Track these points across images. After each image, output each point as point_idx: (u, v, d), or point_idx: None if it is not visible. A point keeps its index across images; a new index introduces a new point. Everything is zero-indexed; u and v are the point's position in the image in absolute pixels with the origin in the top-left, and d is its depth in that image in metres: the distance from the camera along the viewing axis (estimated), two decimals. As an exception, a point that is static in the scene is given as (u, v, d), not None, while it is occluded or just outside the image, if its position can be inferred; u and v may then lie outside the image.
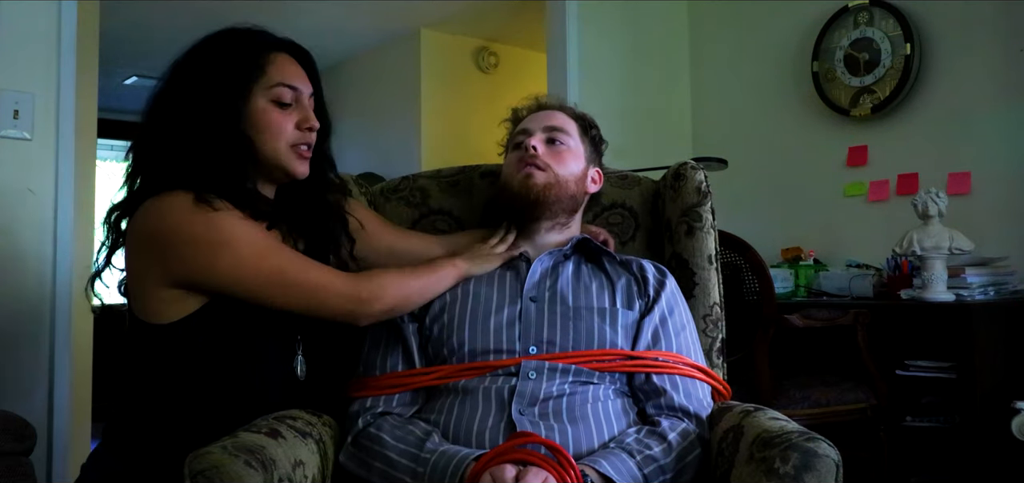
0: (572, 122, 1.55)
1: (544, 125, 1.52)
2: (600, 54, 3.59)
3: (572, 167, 1.50)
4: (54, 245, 2.26)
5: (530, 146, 1.48)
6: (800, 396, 2.42)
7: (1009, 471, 2.44)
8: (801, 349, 2.81)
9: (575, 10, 3.48)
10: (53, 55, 2.28)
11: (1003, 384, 2.54)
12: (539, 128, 1.52)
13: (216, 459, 1.06)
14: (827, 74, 3.38)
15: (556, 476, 1.12)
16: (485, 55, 5.08)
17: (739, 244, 2.51)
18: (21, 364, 2.22)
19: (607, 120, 3.62)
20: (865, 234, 3.25)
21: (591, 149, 1.56)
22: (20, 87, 2.23)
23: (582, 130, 1.56)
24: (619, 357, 1.34)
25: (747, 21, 3.74)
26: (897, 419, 2.63)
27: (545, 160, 1.48)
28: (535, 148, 1.48)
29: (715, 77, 3.88)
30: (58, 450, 2.24)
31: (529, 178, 1.47)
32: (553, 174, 1.47)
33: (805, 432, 1.12)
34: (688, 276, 1.55)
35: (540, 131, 1.51)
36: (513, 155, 1.53)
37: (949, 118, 3.08)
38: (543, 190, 1.46)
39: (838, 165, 3.38)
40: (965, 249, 2.61)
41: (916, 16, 3.16)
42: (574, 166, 1.51)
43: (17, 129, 2.21)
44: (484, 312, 1.38)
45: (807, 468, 1.07)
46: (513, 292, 1.41)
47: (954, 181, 3.02)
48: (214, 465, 1.05)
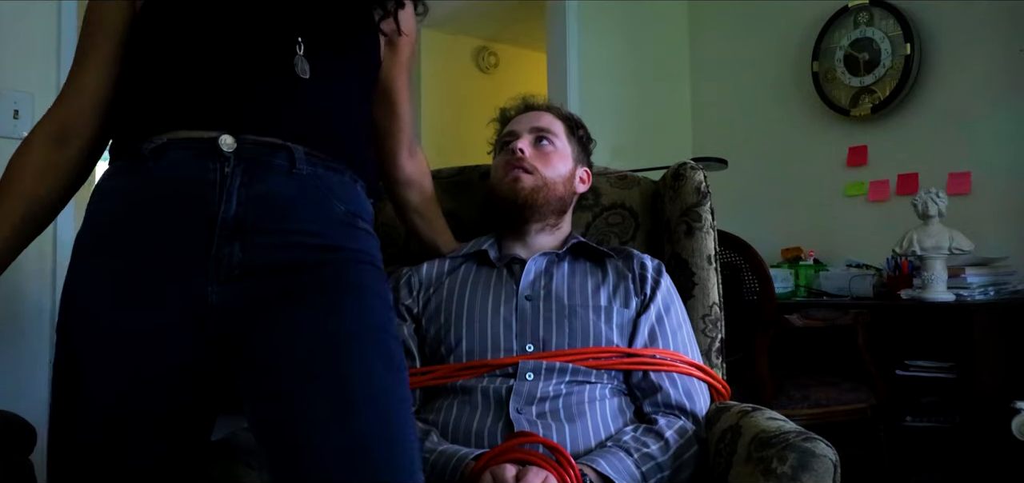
0: (559, 123, 1.55)
1: (531, 126, 1.52)
2: (600, 54, 3.59)
3: (560, 168, 1.50)
4: (54, 245, 2.27)
5: (517, 149, 1.48)
6: (800, 396, 2.42)
7: (1009, 471, 2.44)
8: (801, 349, 2.81)
9: (575, 10, 3.48)
10: (53, 55, 2.28)
11: (1003, 384, 2.54)
12: (526, 129, 1.52)
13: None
14: (827, 74, 3.38)
15: (556, 475, 1.13)
16: (485, 55, 5.08)
17: (739, 244, 2.51)
18: (21, 364, 2.22)
19: (607, 120, 3.64)
20: (865, 234, 3.25)
21: (579, 149, 1.57)
22: (20, 87, 2.23)
23: (569, 130, 1.56)
24: (616, 355, 1.34)
25: (747, 21, 3.74)
26: (897, 419, 2.63)
27: (532, 162, 1.48)
28: (522, 151, 1.48)
29: (715, 77, 3.88)
30: (58, 450, 2.24)
31: (516, 182, 1.47)
32: (540, 177, 1.48)
33: (802, 432, 1.13)
34: (687, 276, 1.55)
35: (527, 133, 1.51)
36: (501, 157, 1.53)
37: (949, 118, 3.08)
38: (531, 194, 1.47)
39: (838, 165, 3.38)
40: (965, 249, 2.61)
41: (916, 16, 3.16)
42: (561, 167, 1.51)
43: (17, 129, 2.21)
44: (480, 312, 1.38)
45: (804, 468, 1.07)
46: (508, 292, 1.41)
47: (954, 181, 3.02)
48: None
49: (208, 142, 1.00)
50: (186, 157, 1.01)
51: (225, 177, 0.99)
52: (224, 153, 1.00)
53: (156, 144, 1.02)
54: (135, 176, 1.03)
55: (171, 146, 1.01)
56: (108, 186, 1.06)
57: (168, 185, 1.01)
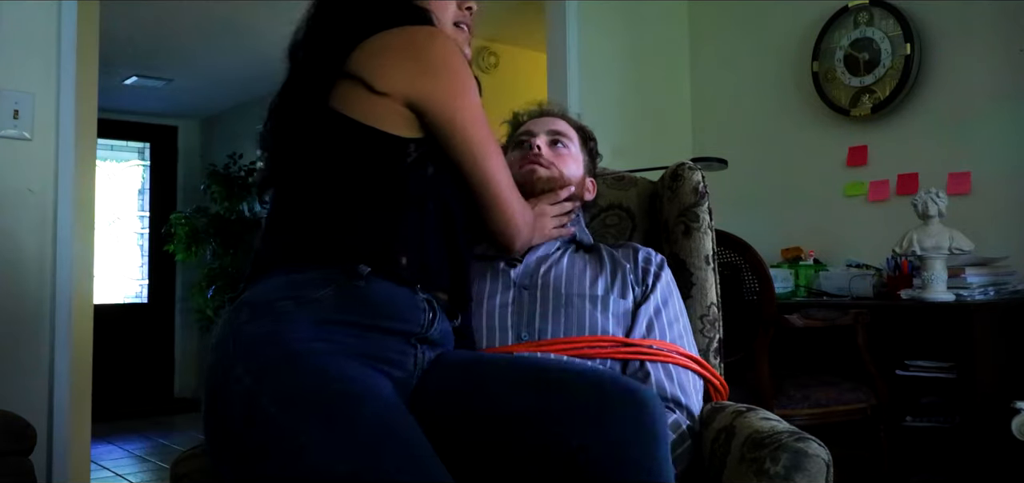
0: (573, 130, 1.59)
1: (548, 129, 1.56)
2: (600, 54, 3.59)
3: (573, 170, 1.54)
4: (54, 245, 2.27)
5: (535, 145, 1.51)
6: (800, 396, 2.42)
7: (1009, 471, 2.43)
8: (801, 349, 2.81)
9: (575, 10, 3.48)
10: (53, 55, 2.28)
11: (1003, 384, 2.53)
12: (543, 130, 1.55)
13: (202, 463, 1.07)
14: (827, 74, 3.38)
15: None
16: (485, 55, 5.08)
17: (739, 244, 2.51)
18: (21, 364, 2.22)
19: (607, 120, 3.65)
20: (865, 234, 3.25)
21: (588, 160, 1.60)
22: (20, 87, 2.23)
23: (582, 140, 1.60)
24: (612, 344, 1.34)
25: (747, 21, 3.74)
26: (897, 419, 2.63)
27: (549, 158, 1.51)
28: (539, 147, 1.51)
29: (715, 77, 3.88)
30: (58, 450, 2.24)
31: (533, 173, 1.49)
32: (557, 170, 1.51)
33: (795, 432, 1.13)
34: (686, 276, 1.55)
35: (544, 133, 1.55)
36: (515, 153, 1.55)
37: (949, 118, 3.08)
38: (546, 182, 1.49)
39: (838, 165, 3.38)
40: (965, 249, 2.61)
41: (916, 16, 3.16)
42: (575, 170, 1.55)
43: (17, 129, 2.21)
44: (477, 300, 1.39)
45: (797, 468, 1.07)
46: (505, 281, 1.42)
47: (954, 181, 3.02)
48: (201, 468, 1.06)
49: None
50: None
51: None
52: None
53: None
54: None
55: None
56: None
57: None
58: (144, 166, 6.56)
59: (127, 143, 6.47)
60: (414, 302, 1.14)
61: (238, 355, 1.01)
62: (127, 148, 6.49)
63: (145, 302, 6.43)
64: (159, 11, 4.16)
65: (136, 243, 6.49)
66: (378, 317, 1.10)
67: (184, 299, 6.28)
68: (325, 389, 0.99)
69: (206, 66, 5.22)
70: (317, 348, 1.02)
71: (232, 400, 0.99)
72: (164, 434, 5.11)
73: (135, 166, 6.55)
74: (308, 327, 1.03)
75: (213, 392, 1.02)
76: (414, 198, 1.17)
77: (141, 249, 6.48)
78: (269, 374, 0.99)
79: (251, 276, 1.14)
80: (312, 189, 1.18)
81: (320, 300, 1.06)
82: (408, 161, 1.17)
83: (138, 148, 6.54)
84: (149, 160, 6.55)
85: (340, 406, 0.98)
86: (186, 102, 6.15)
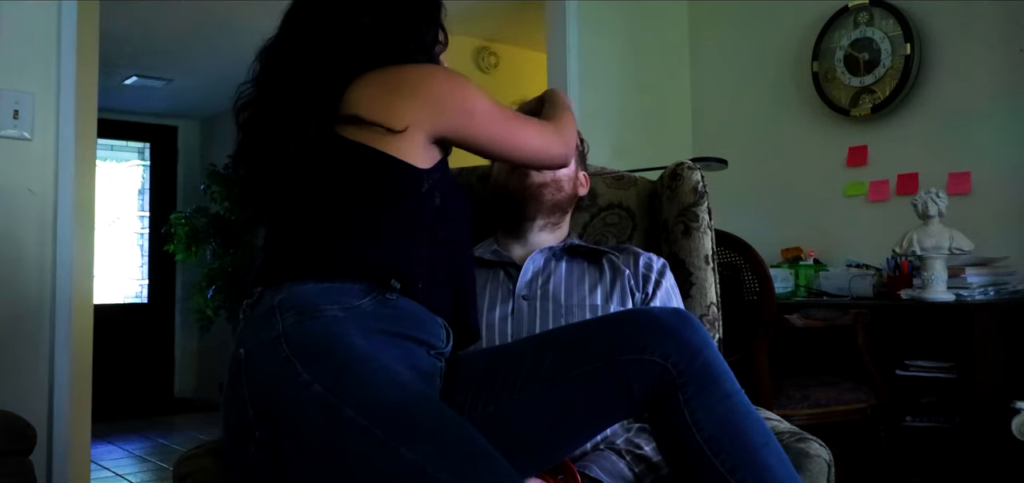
0: None
1: None
2: (600, 54, 3.59)
3: (565, 168, 1.51)
4: (54, 245, 2.27)
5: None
6: (800, 396, 2.42)
7: (1009, 471, 2.43)
8: (801, 349, 2.81)
9: (575, 10, 3.48)
10: (53, 55, 2.28)
11: (1003, 384, 2.53)
12: None
13: (205, 463, 1.07)
14: (827, 74, 3.38)
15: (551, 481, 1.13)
16: (485, 55, 5.07)
17: (739, 244, 2.51)
18: (21, 364, 2.22)
19: (607, 120, 3.64)
20: (865, 234, 3.25)
21: (578, 153, 1.59)
22: (20, 87, 2.23)
23: None
24: None
25: (747, 21, 3.74)
26: (897, 419, 2.63)
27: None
28: None
29: (715, 77, 3.88)
30: (58, 450, 2.24)
31: (526, 177, 1.47)
32: (549, 172, 1.49)
33: (796, 432, 1.13)
34: (685, 276, 1.55)
35: None
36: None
37: (949, 118, 3.08)
38: (539, 188, 1.48)
39: (838, 165, 3.38)
40: (965, 249, 2.61)
41: (916, 16, 3.16)
42: (567, 167, 1.52)
43: (17, 129, 2.21)
44: None
45: (798, 468, 1.07)
46: (505, 292, 1.41)
47: (954, 181, 3.02)
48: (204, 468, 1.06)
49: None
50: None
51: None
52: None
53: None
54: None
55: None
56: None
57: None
58: (144, 166, 6.55)
59: (127, 143, 6.46)
60: (435, 321, 1.18)
61: (297, 357, 1.01)
62: (127, 148, 6.49)
63: (145, 302, 6.43)
64: (159, 11, 4.16)
65: (136, 243, 6.49)
66: (412, 329, 1.13)
67: (184, 299, 6.28)
68: (402, 391, 1.01)
69: (206, 66, 5.22)
70: (375, 353, 1.04)
71: (304, 405, 0.98)
72: (164, 434, 5.11)
73: (135, 166, 6.55)
74: (360, 333, 1.05)
75: (266, 395, 1.01)
76: (426, 227, 1.20)
77: (141, 249, 6.48)
78: (343, 380, 0.99)
79: (268, 280, 1.14)
80: (334, 208, 1.19)
81: (361, 309, 1.08)
82: (422, 190, 1.20)
83: (138, 148, 6.54)
84: (149, 160, 6.54)
85: (425, 412, 1.00)
86: (186, 102, 6.15)
